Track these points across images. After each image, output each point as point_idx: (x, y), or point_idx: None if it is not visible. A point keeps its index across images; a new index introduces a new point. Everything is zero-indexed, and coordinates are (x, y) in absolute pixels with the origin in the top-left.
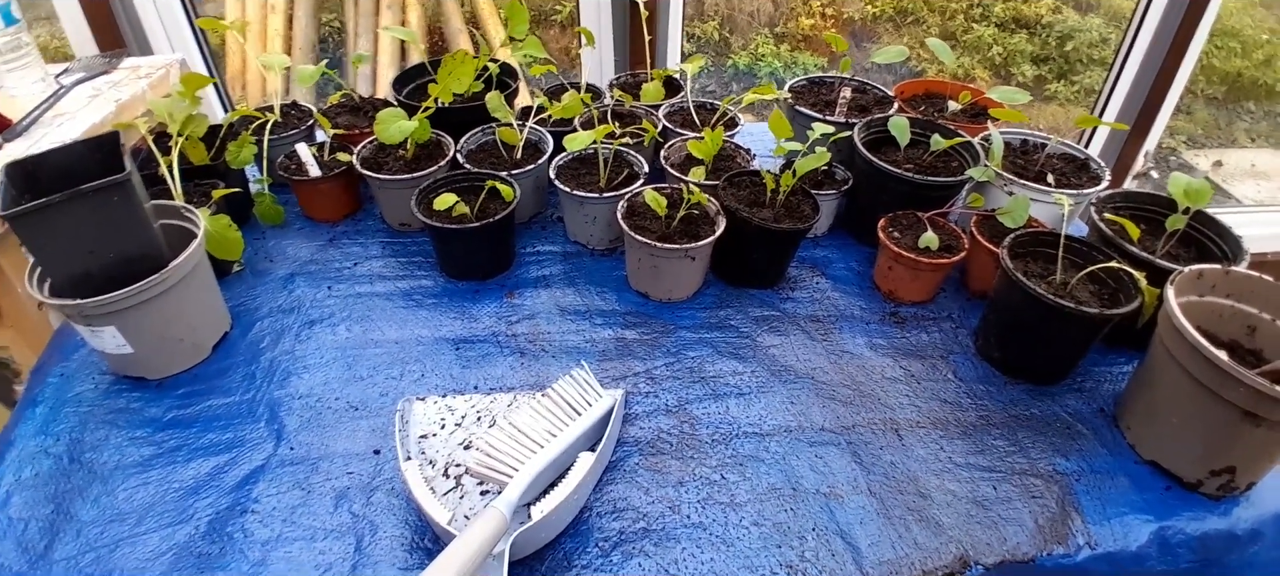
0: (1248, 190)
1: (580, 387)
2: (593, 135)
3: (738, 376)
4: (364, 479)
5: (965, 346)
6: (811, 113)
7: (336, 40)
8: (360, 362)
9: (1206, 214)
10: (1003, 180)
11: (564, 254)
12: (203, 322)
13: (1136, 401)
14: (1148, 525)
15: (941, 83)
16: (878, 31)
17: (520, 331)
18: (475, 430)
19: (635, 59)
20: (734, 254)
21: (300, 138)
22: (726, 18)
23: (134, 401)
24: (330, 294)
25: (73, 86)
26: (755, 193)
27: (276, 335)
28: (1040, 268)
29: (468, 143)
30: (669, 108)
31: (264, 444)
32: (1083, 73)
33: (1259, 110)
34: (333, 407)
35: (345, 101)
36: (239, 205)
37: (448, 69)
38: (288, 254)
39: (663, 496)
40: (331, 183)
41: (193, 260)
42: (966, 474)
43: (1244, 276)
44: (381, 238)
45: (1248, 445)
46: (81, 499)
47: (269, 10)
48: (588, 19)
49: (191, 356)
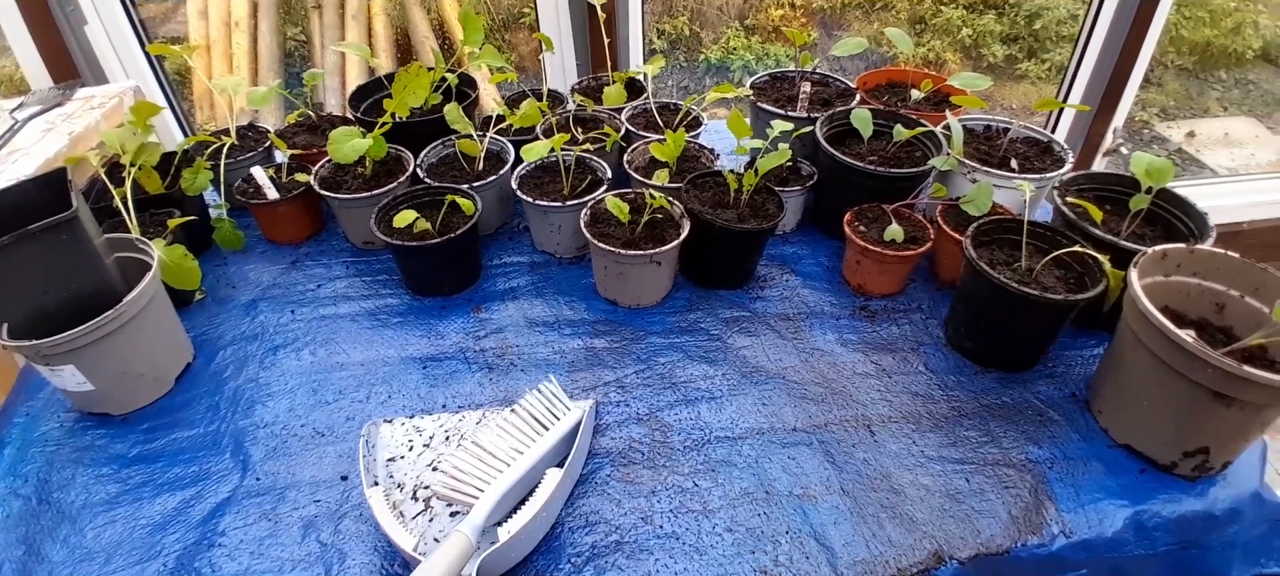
0: (1221, 159)
1: (547, 401)
2: (550, 144)
3: (709, 380)
4: (331, 506)
5: (936, 337)
6: (773, 109)
7: (303, 54)
8: (326, 387)
9: (1171, 191)
10: (966, 168)
11: (531, 264)
12: (164, 355)
13: (1107, 385)
14: (1123, 510)
15: (904, 71)
16: (847, 20)
17: (488, 346)
18: (443, 450)
19: (597, 62)
20: (701, 256)
21: (257, 160)
22: (696, 12)
23: (99, 438)
24: (294, 318)
25: (26, 121)
26: (719, 193)
27: (240, 363)
28: (1005, 255)
29: (428, 156)
30: (631, 110)
31: (230, 476)
32: (1052, 50)
33: (1230, 78)
34: (299, 435)
35: (303, 120)
36: (198, 232)
37: (402, 83)
38: (250, 279)
39: (635, 507)
40: (290, 205)
41: (148, 293)
42: (939, 467)
43: (1209, 254)
44: (345, 257)
45: (1220, 425)
46: (51, 539)
47: (233, 27)
48: (547, 24)
49: (154, 390)
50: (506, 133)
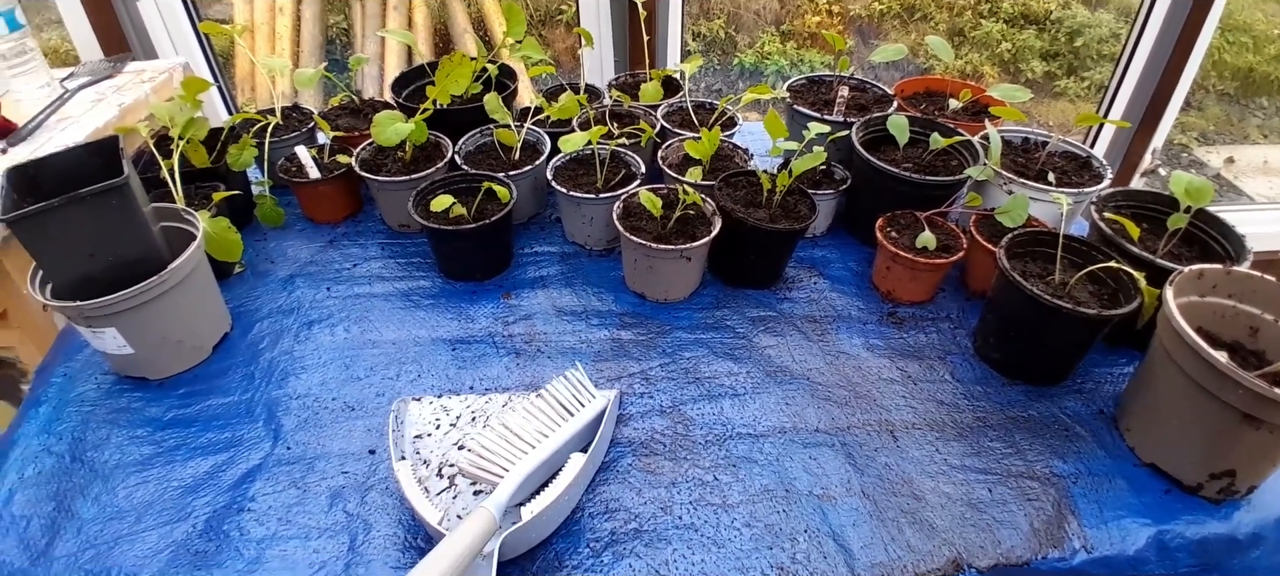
0: (1259, 187)
1: (574, 388)
2: (587, 136)
3: (733, 377)
4: (359, 478)
5: (963, 347)
6: (809, 112)
7: (344, 42)
8: (357, 363)
9: (1209, 212)
10: (1002, 179)
11: (562, 254)
12: (203, 324)
13: (1136, 403)
14: (1146, 529)
15: (942, 80)
16: (884, 28)
17: (516, 332)
18: (469, 430)
19: (635, 59)
20: (731, 254)
21: (300, 140)
22: (732, 16)
23: (135, 401)
24: (329, 295)
25: (77, 91)
26: (752, 193)
27: (276, 336)
28: (1039, 268)
29: (466, 144)
30: (667, 108)
31: (261, 443)
32: (1093, 68)
33: (1271, 106)
34: (330, 408)
35: (346, 104)
36: (240, 207)
37: (445, 71)
38: (288, 255)
39: (655, 497)
40: (331, 185)
41: (191, 262)
42: (961, 476)
43: (1245, 276)
44: (381, 239)
45: (1248, 448)
46: (82, 497)
47: (277, 12)
48: (587, 20)
49: (192, 357)
50: (543, 124)
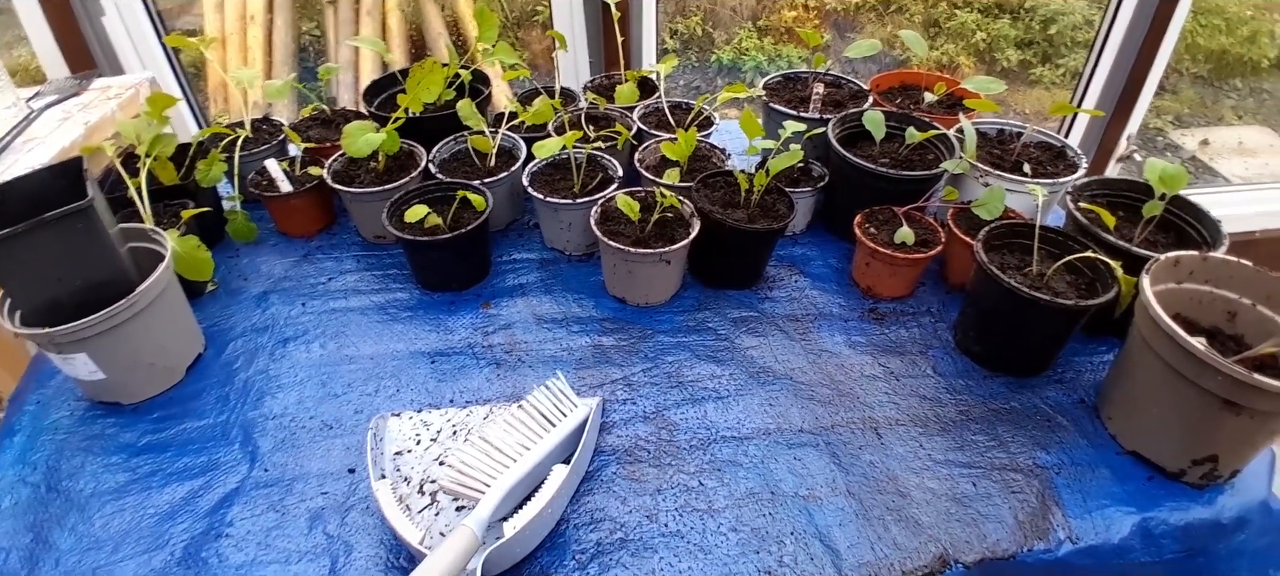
0: (1235, 168)
1: (555, 398)
2: (561, 142)
3: (716, 380)
4: (338, 498)
5: (944, 341)
6: (785, 110)
7: (318, 49)
8: (335, 380)
9: (1184, 198)
10: (978, 172)
11: (541, 261)
12: (175, 345)
13: (1116, 392)
14: (1130, 517)
15: (917, 74)
16: (860, 21)
17: (496, 342)
18: (450, 445)
19: (609, 61)
20: (710, 255)
21: (271, 153)
22: (709, 13)
23: (109, 427)
24: (305, 310)
25: (43, 110)
26: (730, 193)
27: (250, 355)
28: (1016, 259)
29: (440, 152)
30: (643, 109)
31: (238, 466)
32: (1067, 55)
33: (1245, 87)
34: (307, 427)
35: (318, 114)
36: (212, 223)
37: (417, 78)
38: (262, 271)
39: (640, 505)
40: (304, 198)
41: (160, 283)
42: (946, 471)
43: (1221, 262)
44: (356, 251)
45: (1229, 433)
46: (60, 527)
47: (248, 21)
48: (561, 22)
49: (165, 379)
50: (518, 129)
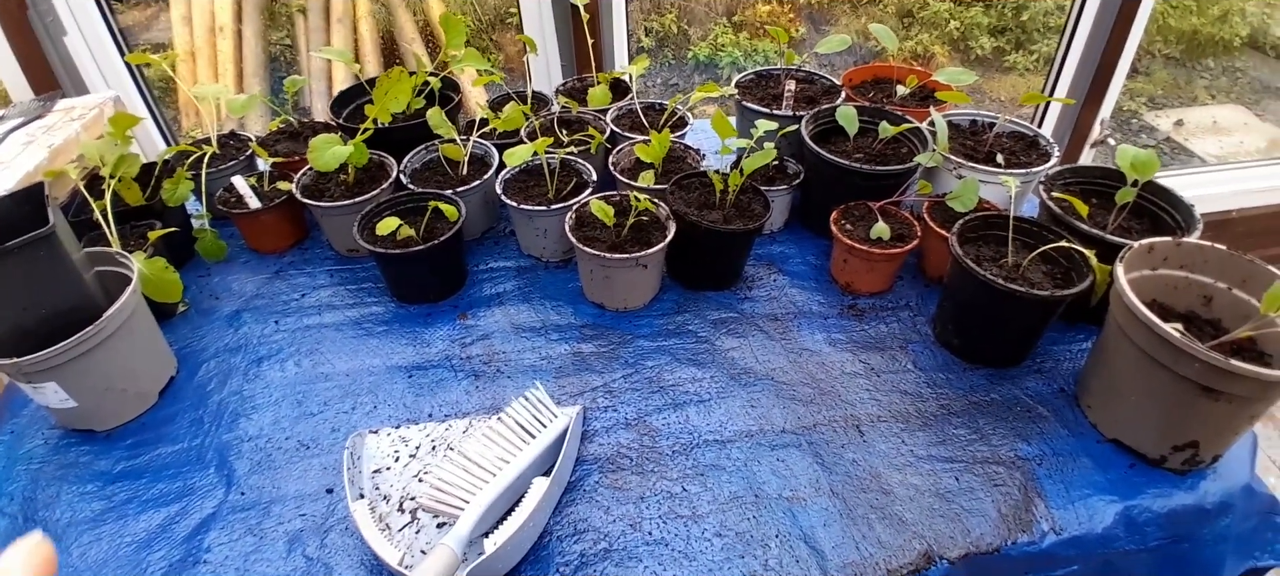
0: (1210, 147)
1: (534, 408)
2: (533, 148)
3: (697, 383)
4: (317, 520)
5: (924, 334)
6: (758, 108)
7: (289, 59)
8: (310, 398)
9: (1157, 184)
10: (951, 164)
11: (517, 269)
12: (146, 369)
13: (1095, 380)
14: (1113, 505)
15: (889, 67)
16: (835, 14)
17: (474, 353)
18: (430, 460)
19: (581, 63)
20: (688, 257)
21: (239, 169)
22: (684, 10)
23: (83, 455)
24: (278, 328)
25: (7, 134)
26: (705, 194)
27: (223, 376)
28: (992, 251)
29: (411, 162)
30: (616, 111)
31: (214, 491)
32: (1040, 41)
33: (1217, 66)
34: (283, 448)
35: (285, 127)
36: (180, 243)
37: (384, 88)
38: (233, 289)
39: (624, 514)
40: (273, 213)
41: (128, 308)
42: (928, 466)
43: (1196, 247)
44: (329, 265)
45: (1209, 418)
46: None
47: (217, 33)
48: (530, 26)
49: (138, 405)
50: (490, 136)
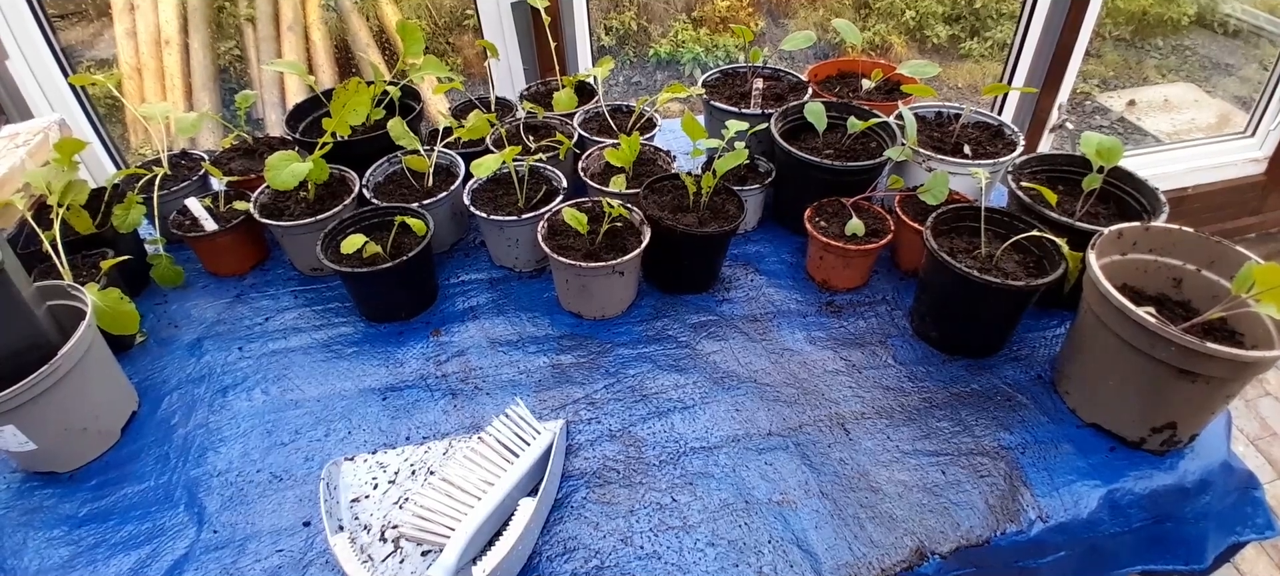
0: (1162, 124)
1: (515, 426)
2: (500, 158)
3: (680, 389)
4: (295, 555)
5: (902, 328)
6: (727, 107)
7: (239, 70)
8: (281, 427)
9: (1123, 169)
10: (920, 157)
11: (490, 280)
12: (106, 406)
13: (1072, 366)
14: (1096, 490)
15: (854, 61)
16: (793, 7)
17: (450, 371)
18: (410, 486)
19: (545, 67)
20: (664, 262)
21: (192, 190)
22: (643, 7)
23: (47, 499)
24: (242, 355)
25: None
26: (679, 196)
27: (188, 408)
28: (965, 243)
29: (374, 175)
30: (583, 115)
31: (185, 530)
32: (994, 28)
33: (1166, 45)
34: (255, 481)
35: (239, 144)
36: (135, 271)
37: (341, 100)
38: (192, 317)
39: (614, 529)
40: (230, 235)
41: (84, 343)
42: (915, 461)
43: (1164, 231)
44: (293, 287)
45: (1185, 399)
46: None
47: (162, 46)
48: (490, 31)
49: (100, 443)
50: (455, 146)
